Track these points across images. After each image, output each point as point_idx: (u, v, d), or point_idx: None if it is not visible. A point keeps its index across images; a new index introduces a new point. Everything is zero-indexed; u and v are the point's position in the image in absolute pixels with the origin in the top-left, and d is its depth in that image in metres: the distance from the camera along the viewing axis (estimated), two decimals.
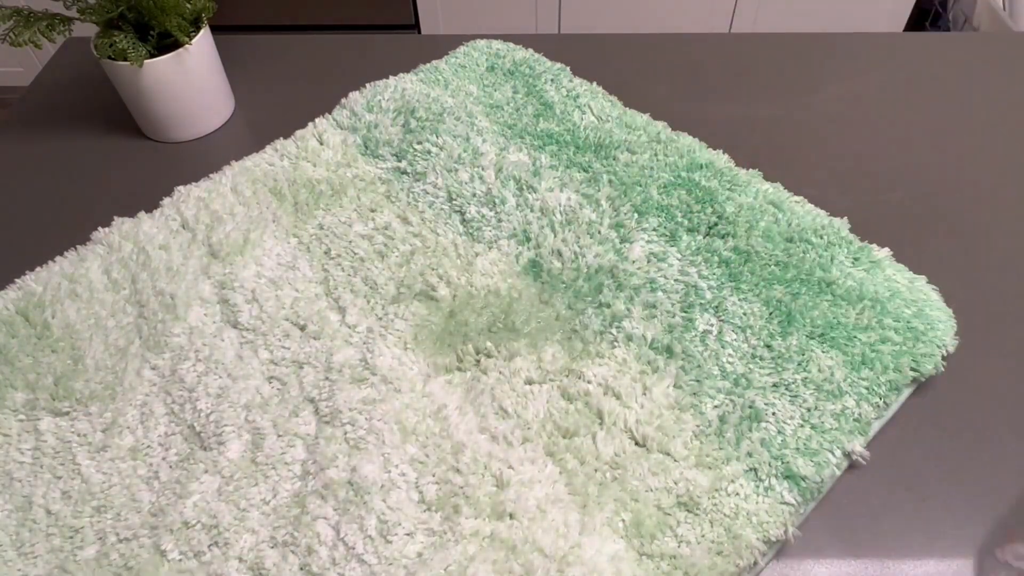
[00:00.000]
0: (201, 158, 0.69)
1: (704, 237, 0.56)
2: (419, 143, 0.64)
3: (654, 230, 0.57)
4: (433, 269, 0.55)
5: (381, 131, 0.66)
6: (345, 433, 0.46)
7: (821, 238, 0.55)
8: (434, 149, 0.63)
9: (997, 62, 0.78)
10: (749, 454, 0.44)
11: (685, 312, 0.51)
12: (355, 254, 0.56)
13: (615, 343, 0.50)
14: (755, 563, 0.40)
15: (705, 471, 0.43)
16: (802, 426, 0.45)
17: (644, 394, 0.47)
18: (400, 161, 0.64)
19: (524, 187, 0.60)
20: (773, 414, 0.45)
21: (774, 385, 0.47)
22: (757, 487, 0.42)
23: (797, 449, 0.44)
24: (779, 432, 0.44)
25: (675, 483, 0.43)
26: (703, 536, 0.41)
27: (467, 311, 0.52)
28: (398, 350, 0.50)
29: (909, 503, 0.44)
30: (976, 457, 0.46)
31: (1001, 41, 0.83)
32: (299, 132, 0.68)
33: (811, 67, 0.78)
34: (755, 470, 0.43)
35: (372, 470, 0.44)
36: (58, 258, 0.57)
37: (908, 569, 0.41)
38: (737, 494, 0.42)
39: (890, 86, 0.75)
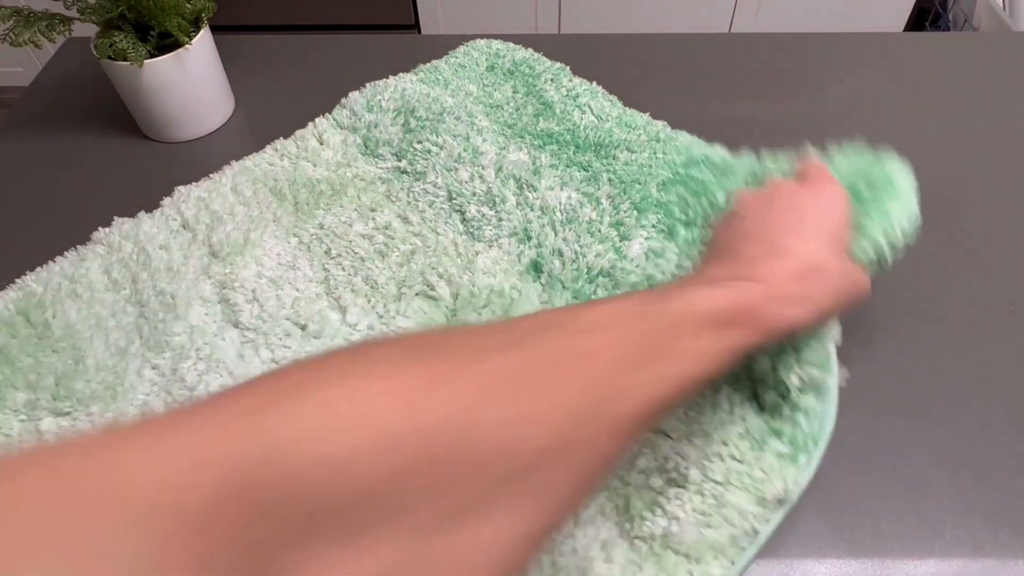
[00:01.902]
0: (201, 158, 0.69)
1: (700, 228, 0.56)
2: (419, 142, 0.64)
3: (653, 227, 0.57)
4: (434, 268, 0.55)
5: (381, 131, 0.66)
6: None
7: None
8: (434, 148, 0.64)
9: (997, 62, 0.78)
10: (743, 418, 0.43)
11: None
12: (355, 253, 0.56)
13: None
14: (756, 531, 0.40)
15: (695, 441, 0.43)
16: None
17: None
18: (400, 160, 0.64)
19: (524, 186, 0.60)
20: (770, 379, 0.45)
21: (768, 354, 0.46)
22: (752, 445, 0.42)
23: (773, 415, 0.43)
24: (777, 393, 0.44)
25: (665, 459, 0.42)
26: (694, 510, 0.40)
27: (468, 310, 0.52)
28: None
29: (909, 503, 0.44)
30: (976, 456, 0.46)
31: (1001, 41, 0.83)
32: (299, 132, 0.68)
33: (811, 67, 0.78)
34: (747, 431, 0.43)
35: None
36: (58, 258, 0.57)
37: (908, 569, 0.41)
38: (732, 457, 0.42)
39: (890, 86, 0.75)
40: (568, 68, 0.74)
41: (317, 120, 0.69)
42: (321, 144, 0.66)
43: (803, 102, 0.73)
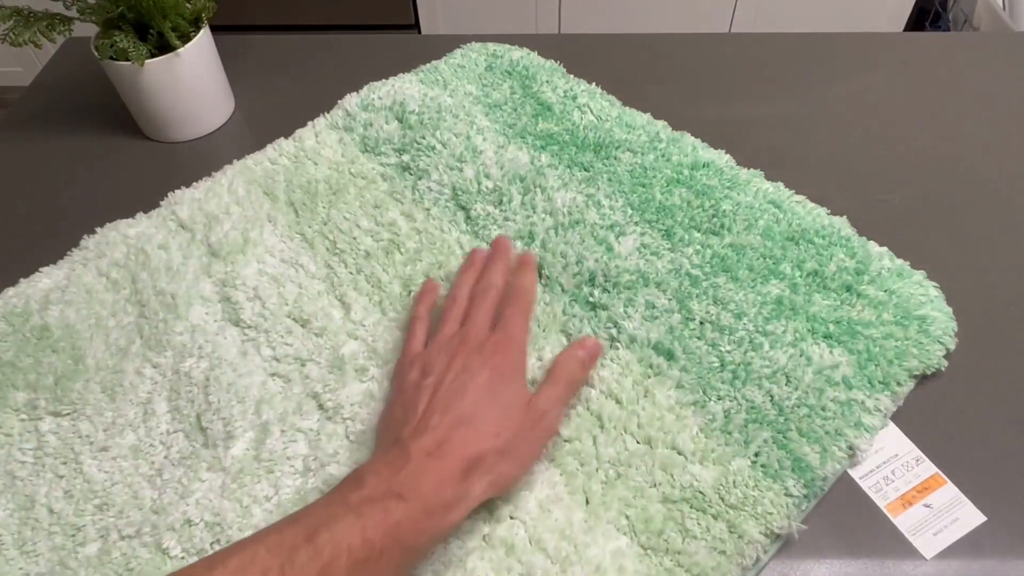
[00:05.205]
0: (201, 158, 0.69)
1: (701, 233, 0.56)
2: (421, 138, 0.64)
3: (651, 226, 0.57)
4: (440, 268, 0.55)
5: (377, 129, 0.66)
6: (347, 428, 0.46)
7: (823, 238, 0.55)
8: (438, 146, 0.63)
9: (997, 62, 0.78)
10: (756, 453, 0.44)
11: (682, 304, 0.51)
12: (359, 251, 0.56)
13: (615, 343, 0.50)
14: (757, 559, 0.40)
15: (710, 466, 0.43)
16: (808, 416, 0.45)
17: (646, 396, 0.47)
18: (402, 156, 0.64)
19: (530, 186, 0.60)
20: (777, 404, 0.45)
21: (775, 373, 0.47)
22: (762, 477, 0.43)
23: (803, 439, 0.44)
24: (784, 422, 0.45)
25: (678, 477, 0.43)
26: (707, 531, 0.41)
27: None
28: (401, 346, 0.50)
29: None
30: (976, 456, 0.46)
31: (1001, 41, 0.83)
32: (299, 131, 0.68)
33: (811, 67, 0.78)
34: (761, 463, 0.43)
35: None
36: (58, 259, 0.57)
37: (908, 569, 0.41)
38: (746, 485, 0.42)
39: (890, 86, 0.75)
40: (562, 66, 0.74)
41: (316, 120, 0.69)
42: (319, 143, 0.66)
43: (803, 102, 0.73)
